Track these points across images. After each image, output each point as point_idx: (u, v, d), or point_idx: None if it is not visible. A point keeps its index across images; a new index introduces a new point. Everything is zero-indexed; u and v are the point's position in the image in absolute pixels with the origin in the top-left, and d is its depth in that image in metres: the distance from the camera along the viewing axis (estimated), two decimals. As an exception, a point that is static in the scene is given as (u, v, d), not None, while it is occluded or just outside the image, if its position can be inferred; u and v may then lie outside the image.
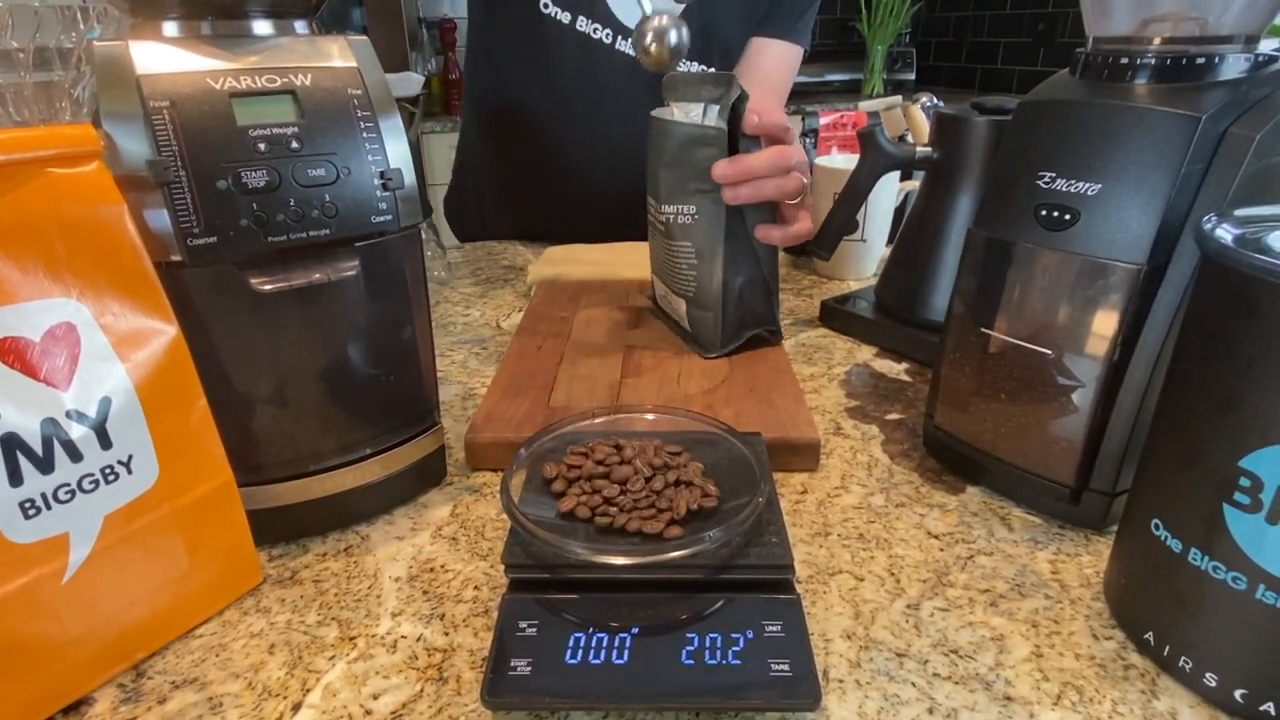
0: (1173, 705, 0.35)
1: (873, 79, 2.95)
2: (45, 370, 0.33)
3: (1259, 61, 0.41)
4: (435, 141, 2.39)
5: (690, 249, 0.63)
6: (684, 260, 0.64)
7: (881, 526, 0.47)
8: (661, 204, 0.64)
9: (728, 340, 0.65)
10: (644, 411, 0.50)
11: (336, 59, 0.42)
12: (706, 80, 0.60)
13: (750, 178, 0.59)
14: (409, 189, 0.43)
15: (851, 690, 0.36)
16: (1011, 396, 0.47)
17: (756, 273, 0.64)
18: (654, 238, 0.69)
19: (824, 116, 1.04)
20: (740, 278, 0.63)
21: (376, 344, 0.45)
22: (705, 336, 0.65)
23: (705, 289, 0.63)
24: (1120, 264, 0.42)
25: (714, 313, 0.64)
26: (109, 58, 0.37)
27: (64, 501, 0.34)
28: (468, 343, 0.75)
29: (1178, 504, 0.35)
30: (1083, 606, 0.41)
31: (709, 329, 0.64)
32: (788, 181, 0.61)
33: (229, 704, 0.36)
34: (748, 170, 0.59)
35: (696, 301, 0.65)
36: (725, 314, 0.63)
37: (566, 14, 0.95)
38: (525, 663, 0.34)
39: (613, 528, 0.39)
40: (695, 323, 0.66)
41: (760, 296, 0.65)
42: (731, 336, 0.65)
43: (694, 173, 0.60)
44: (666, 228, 0.65)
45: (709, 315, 0.64)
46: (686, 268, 0.64)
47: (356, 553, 0.46)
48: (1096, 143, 0.43)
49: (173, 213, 0.37)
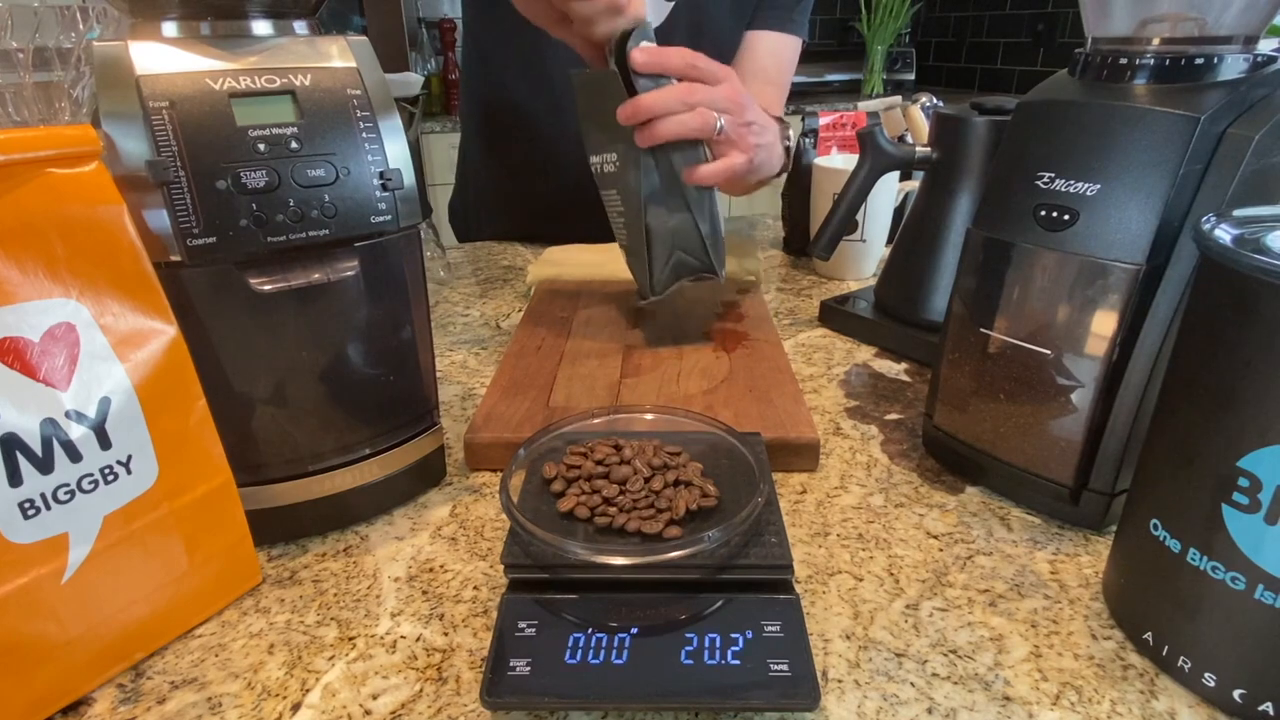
0: (1171, 705, 0.35)
1: (872, 79, 2.95)
2: (45, 370, 0.33)
3: (1258, 62, 0.41)
4: (435, 141, 2.39)
5: (617, 196, 0.64)
6: (614, 209, 0.65)
7: (881, 526, 0.47)
8: (590, 155, 0.65)
9: (661, 285, 0.65)
10: (643, 411, 0.50)
11: (336, 59, 0.42)
12: None
13: (649, 116, 0.58)
14: (408, 189, 0.43)
15: (850, 690, 0.36)
16: (1011, 396, 0.47)
17: (687, 216, 0.64)
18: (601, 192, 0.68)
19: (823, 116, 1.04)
20: (670, 221, 0.63)
21: (376, 344, 0.45)
22: (640, 281, 0.66)
23: (636, 235, 0.64)
24: (1119, 264, 0.42)
25: (642, 259, 0.64)
26: (108, 58, 0.37)
27: (63, 501, 0.34)
28: (467, 343, 0.75)
29: (1177, 504, 0.35)
30: (1082, 606, 0.41)
31: (641, 274, 0.65)
32: (692, 117, 0.59)
33: (228, 704, 0.36)
34: (647, 109, 0.58)
35: (631, 250, 0.65)
36: (652, 259, 0.64)
37: None
38: (525, 663, 0.34)
39: (612, 528, 0.39)
40: (632, 269, 0.66)
41: (693, 240, 0.65)
42: (667, 282, 0.65)
43: (609, 120, 0.60)
44: (598, 178, 0.65)
45: (640, 261, 0.64)
46: (617, 215, 0.65)
47: (356, 553, 0.46)
48: (1096, 143, 0.43)
49: (172, 213, 0.37)
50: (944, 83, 3.23)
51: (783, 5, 1.00)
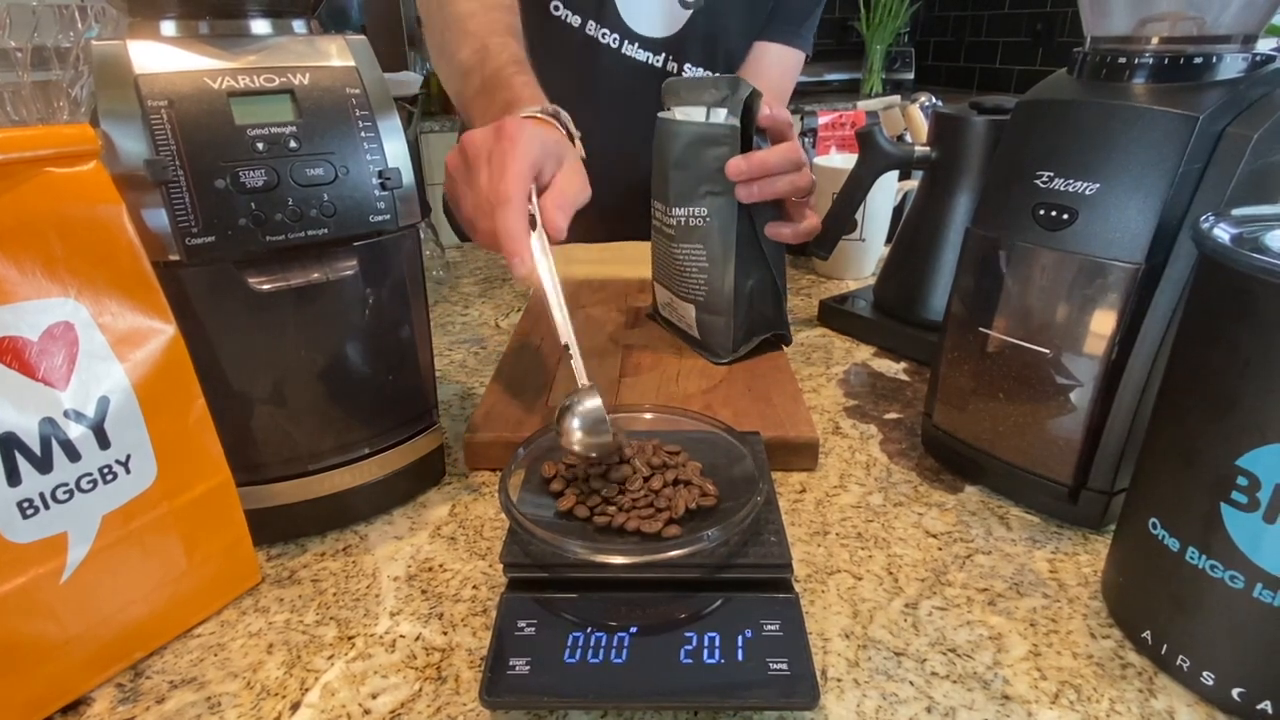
0: (1170, 704, 0.35)
1: (871, 78, 2.95)
2: (43, 370, 0.33)
3: (1256, 61, 0.41)
4: (434, 141, 2.38)
5: (702, 252, 0.62)
6: (694, 264, 0.63)
7: (880, 526, 0.47)
8: (671, 207, 0.63)
9: (739, 344, 0.64)
10: (642, 411, 0.50)
11: (335, 58, 0.42)
12: (709, 83, 0.60)
13: (765, 174, 0.59)
14: (407, 188, 0.43)
15: (850, 689, 0.36)
16: (1010, 396, 0.47)
17: (766, 275, 0.64)
18: (659, 243, 0.68)
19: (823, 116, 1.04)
20: (751, 280, 0.63)
21: (375, 343, 0.45)
22: (717, 341, 0.64)
23: (716, 292, 0.63)
24: (1118, 263, 0.42)
25: (725, 317, 0.63)
26: (107, 57, 0.37)
27: (62, 501, 0.34)
28: (466, 342, 0.75)
29: (1175, 503, 0.35)
30: (1080, 605, 0.41)
31: (720, 333, 0.64)
32: (800, 177, 0.60)
33: (227, 703, 0.36)
34: (763, 166, 0.58)
35: (707, 306, 0.64)
36: (736, 317, 0.63)
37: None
38: (524, 662, 0.34)
39: (611, 527, 0.39)
40: (705, 328, 0.65)
41: (770, 299, 0.65)
42: (743, 340, 0.64)
43: (705, 173, 0.60)
44: (676, 231, 0.64)
45: (720, 320, 0.63)
46: (696, 271, 0.63)
47: (355, 552, 0.46)
48: (1094, 142, 0.43)
49: (171, 212, 0.37)
50: (943, 82, 3.23)
51: (792, 20, 1.01)
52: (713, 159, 0.59)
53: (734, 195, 0.59)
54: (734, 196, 0.59)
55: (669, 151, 0.62)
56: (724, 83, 0.58)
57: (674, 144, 0.62)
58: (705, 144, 0.60)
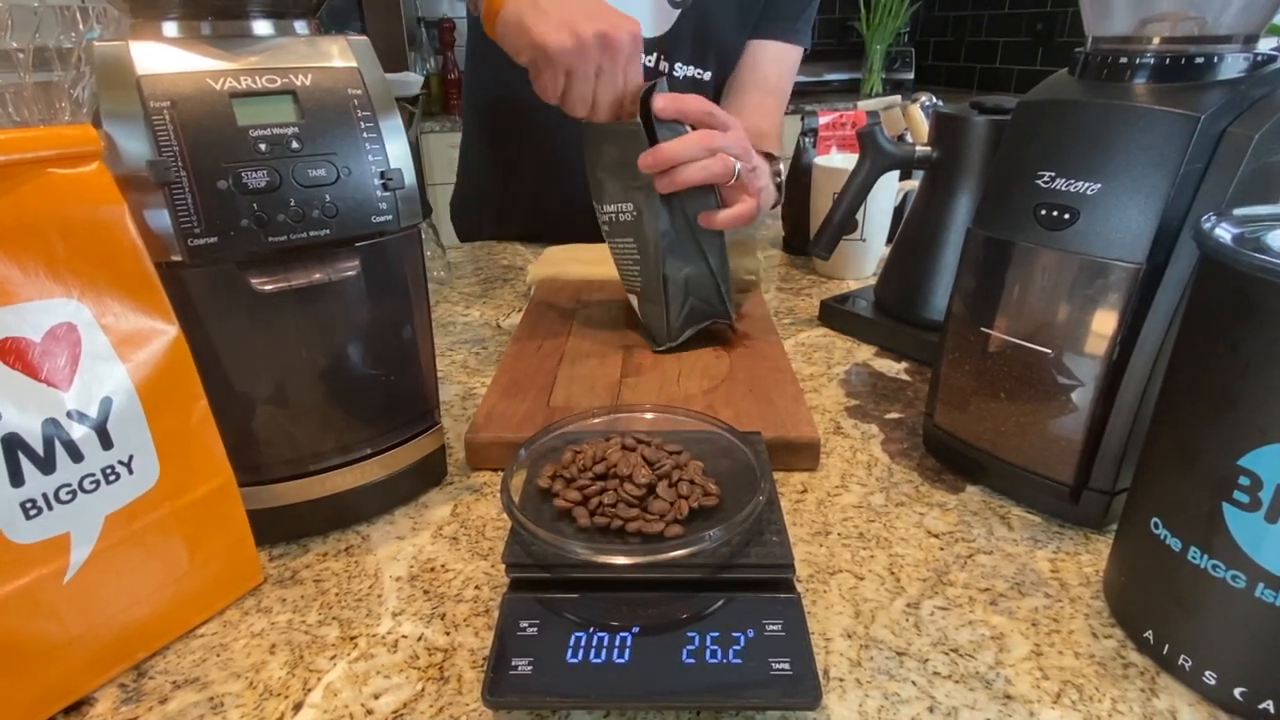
0: (1172, 703, 0.35)
1: (872, 78, 2.95)
2: (46, 370, 0.33)
3: (1257, 61, 0.41)
4: (435, 141, 2.39)
5: (633, 245, 0.65)
6: (628, 258, 0.66)
7: (881, 525, 0.47)
8: (603, 205, 0.66)
9: (676, 333, 0.66)
10: (644, 411, 0.50)
11: (336, 59, 0.42)
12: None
13: (672, 163, 0.59)
14: (409, 189, 0.43)
15: (852, 689, 0.36)
16: (1011, 396, 0.47)
17: (702, 263, 0.65)
18: (607, 241, 0.70)
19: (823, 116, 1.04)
20: (686, 269, 0.64)
21: (376, 344, 0.45)
22: (656, 329, 0.66)
23: (650, 282, 0.65)
24: (1119, 263, 0.42)
25: (659, 306, 0.65)
26: (109, 58, 0.37)
27: (65, 501, 0.34)
28: (467, 342, 0.75)
29: (1177, 502, 0.35)
30: (1082, 605, 0.41)
31: (658, 322, 0.66)
32: (714, 162, 0.61)
33: (230, 704, 0.36)
34: (669, 157, 0.59)
35: (645, 295, 0.66)
36: (669, 307, 0.64)
37: None
38: (526, 662, 0.34)
39: (612, 527, 0.39)
40: (646, 317, 0.67)
41: (708, 287, 0.66)
42: (681, 328, 0.66)
43: (627, 170, 0.62)
44: (610, 227, 0.67)
45: (656, 309, 0.65)
46: (631, 264, 0.66)
47: (357, 552, 0.46)
48: (1096, 142, 0.43)
49: (173, 213, 0.37)
50: (943, 82, 3.23)
51: (787, 15, 1.00)
52: (630, 155, 0.60)
53: (653, 188, 0.61)
54: (654, 189, 0.61)
55: (594, 154, 0.65)
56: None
57: (593, 146, 0.65)
58: (619, 141, 0.62)
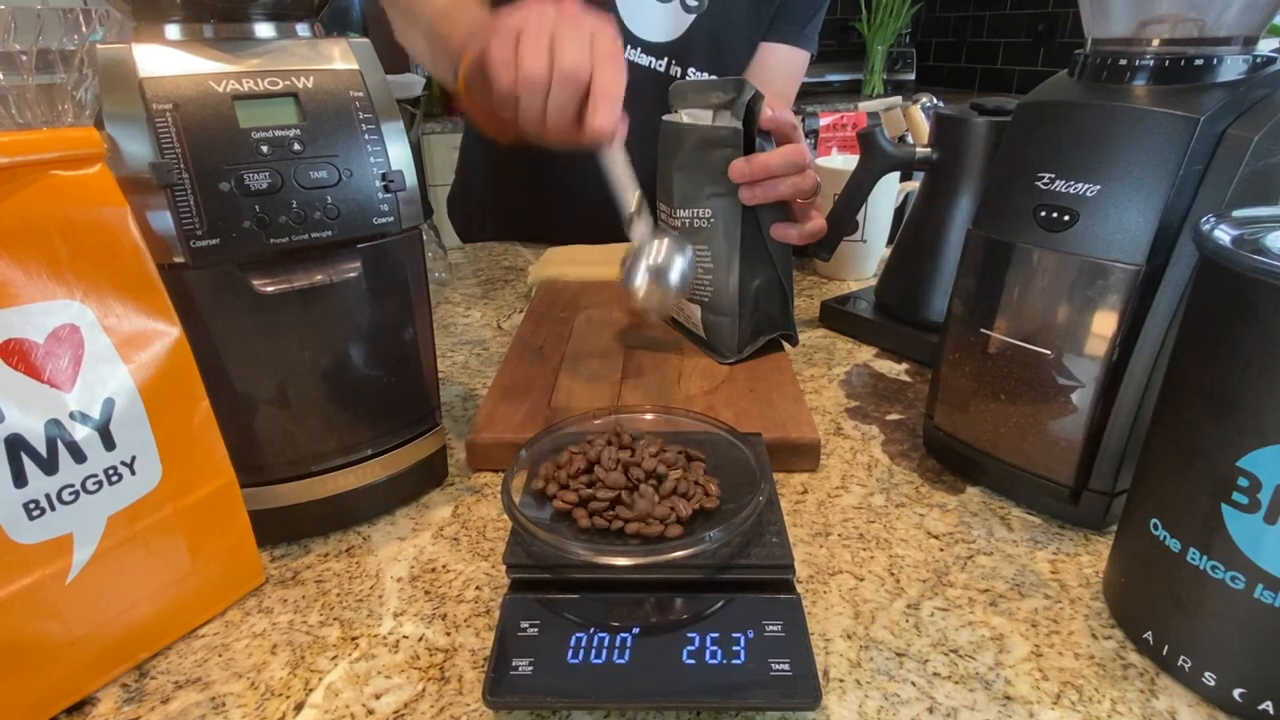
0: (1172, 704, 0.35)
1: (872, 79, 2.95)
2: (49, 372, 0.34)
3: (1257, 63, 0.41)
4: (436, 142, 2.39)
5: (706, 253, 0.63)
6: (699, 265, 0.64)
7: (881, 526, 0.48)
8: (675, 208, 0.64)
9: (744, 344, 0.64)
10: (644, 412, 0.50)
11: (338, 61, 0.42)
12: (715, 86, 0.60)
13: (767, 176, 0.59)
14: (410, 190, 0.43)
15: (851, 690, 0.36)
16: (1011, 397, 0.47)
17: (772, 275, 0.64)
18: None
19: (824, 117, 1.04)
20: (756, 280, 0.63)
21: (378, 345, 0.45)
22: (722, 341, 0.64)
23: (721, 293, 0.63)
24: (1119, 265, 0.42)
25: (730, 317, 0.63)
26: (112, 60, 0.37)
27: (68, 502, 0.34)
28: (468, 344, 0.75)
29: (1176, 504, 0.35)
30: (1082, 606, 0.41)
31: (726, 333, 0.64)
32: (803, 179, 0.60)
33: (232, 704, 0.36)
34: (764, 169, 0.59)
35: (712, 307, 0.64)
36: (741, 318, 0.63)
37: None
38: (527, 662, 0.34)
39: (613, 528, 0.39)
40: (711, 328, 0.65)
41: (776, 300, 0.65)
42: (748, 340, 0.64)
43: (709, 175, 0.60)
44: (681, 232, 0.64)
45: (725, 320, 0.63)
46: (702, 273, 0.64)
47: (358, 553, 0.46)
48: (1096, 144, 0.43)
49: (175, 215, 0.37)
50: (944, 83, 3.23)
51: (797, 20, 1.01)
52: (716, 161, 0.59)
53: (737, 197, 0.60)
54: (737, 198, 0.60)
55: (674, 154, 0.63)
56: (729, 85, 0.59)
57: (679, 146, 0.62)
58: (709, 146, 0.60)
